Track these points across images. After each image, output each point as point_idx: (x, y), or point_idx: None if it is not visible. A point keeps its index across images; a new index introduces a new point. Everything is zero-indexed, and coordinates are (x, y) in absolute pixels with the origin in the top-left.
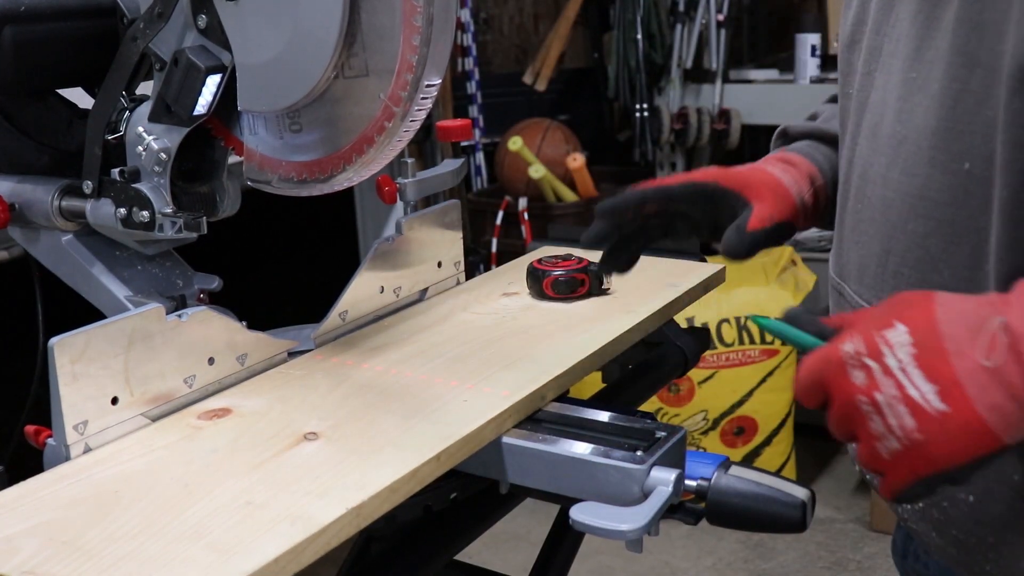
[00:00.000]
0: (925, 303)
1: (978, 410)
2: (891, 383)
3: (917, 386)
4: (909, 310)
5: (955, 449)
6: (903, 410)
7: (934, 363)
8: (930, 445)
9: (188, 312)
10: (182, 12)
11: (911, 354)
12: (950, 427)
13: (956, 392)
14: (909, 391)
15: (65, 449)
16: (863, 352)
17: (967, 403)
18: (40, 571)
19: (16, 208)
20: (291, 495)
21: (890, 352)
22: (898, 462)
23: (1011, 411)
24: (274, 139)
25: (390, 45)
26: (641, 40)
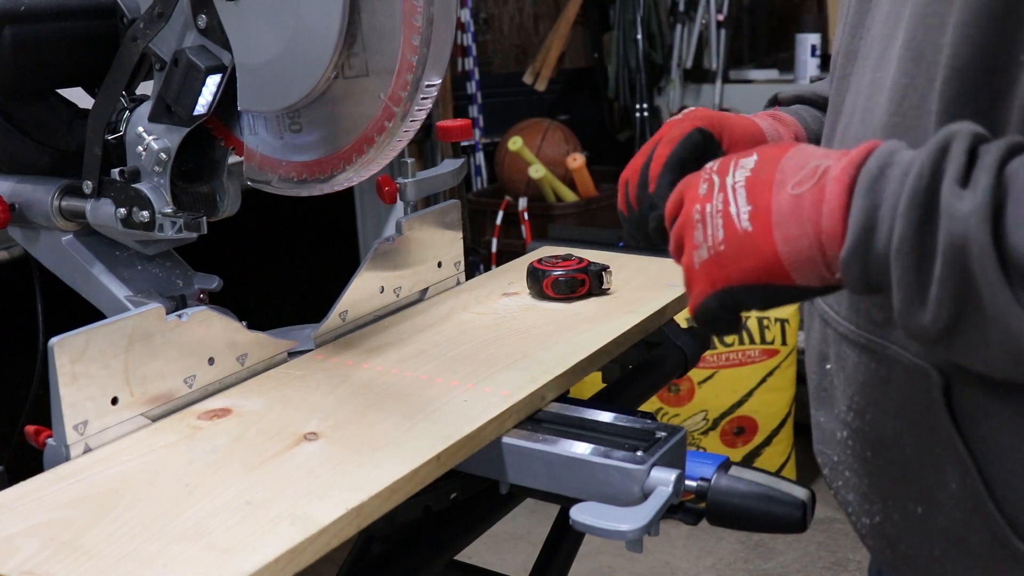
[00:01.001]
0: (789, 144)
1: (774, 237)
2: (721, 198)
3: (738, 204)
4: (773, 147)
5: (747, 268)
6: (719, 222)
7: (759, 188)
8: (728, 258)
9: (188, 312)
10: (182, 12)
11: (746, 176)
12: (747, 246)
13: (763, 217)
14: (731, 207)
15: (65, 449)
16: (715, 168)
17: (768, 228)
18: (40, 571)
19: (16, 208)
20: (291, 495)
21: (732, 172)
22: (702, 271)
23: (803, 247)
24: (274, 139)
25: (390, 45)
26: (641, 40)
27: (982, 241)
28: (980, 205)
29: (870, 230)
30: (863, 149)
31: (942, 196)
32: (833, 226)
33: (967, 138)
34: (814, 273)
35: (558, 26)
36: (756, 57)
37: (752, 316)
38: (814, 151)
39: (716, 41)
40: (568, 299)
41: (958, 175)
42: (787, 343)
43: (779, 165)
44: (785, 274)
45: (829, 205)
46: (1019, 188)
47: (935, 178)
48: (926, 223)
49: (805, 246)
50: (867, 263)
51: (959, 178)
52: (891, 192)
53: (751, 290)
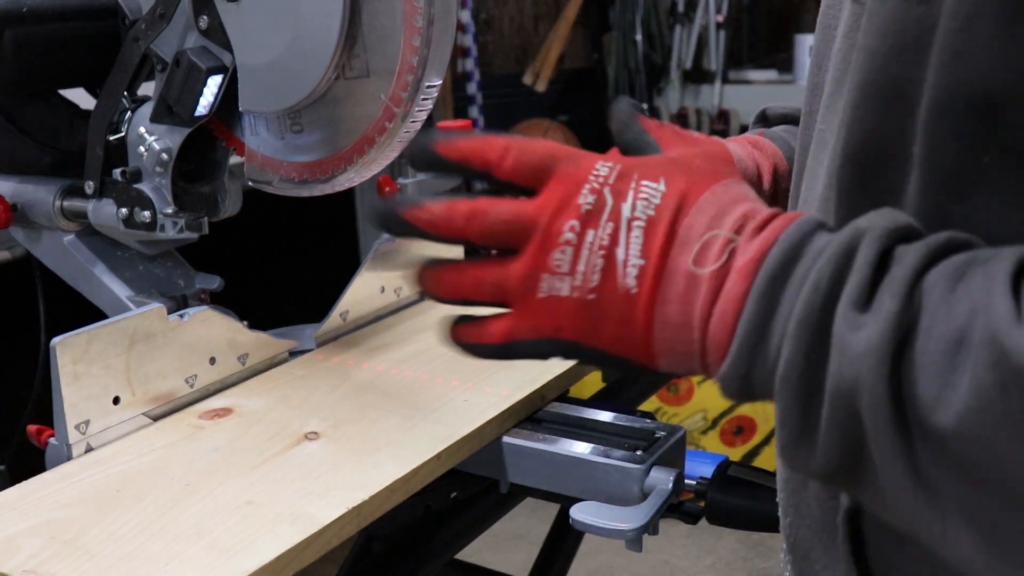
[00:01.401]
0: (709, 176)
1: (654, 314)
2: (609, 231)
3: (628, 251)
4: (688, 175)
5: (609, 335)
6: (598, 264)
7: (657, 240)
8: (593, 313)
9: (189, 312)
10: (184, 13)
11: (647, 215)
12: (622, 312)
13: (651, 283)
14: (618, 250)
15: (67, 449)
16: (611, 180)
17: (650, 301)
18: (41, 570)
19: (18, 208)
20: (292, 495)
21: (632, 199)
22: (548, 308)
23: (682, 341)
24: (275, 139)
25: (391, 46)
26: (641, 41)
27: (875, 391)
28: (877, 343)
29: (757, 345)
30: (774, 231)
31: (835, 323)
32: (720, 333)
33: (878, 241)
34: (684, 367)
35: (558, 27)
36: (755, 58)
37: None
38: (727, 205)
39: (715, 42)
40: None
41: (857, 295)
42: None
43: (688, 216)
44: (649, 356)
45: (722, 308)
46: (932, 313)
47: (832, 294)
48: (816, 352)
49: (684, 341)
50: (749, 381)
51: (858, 300)
52: (787, 299)
53: (599, 354)
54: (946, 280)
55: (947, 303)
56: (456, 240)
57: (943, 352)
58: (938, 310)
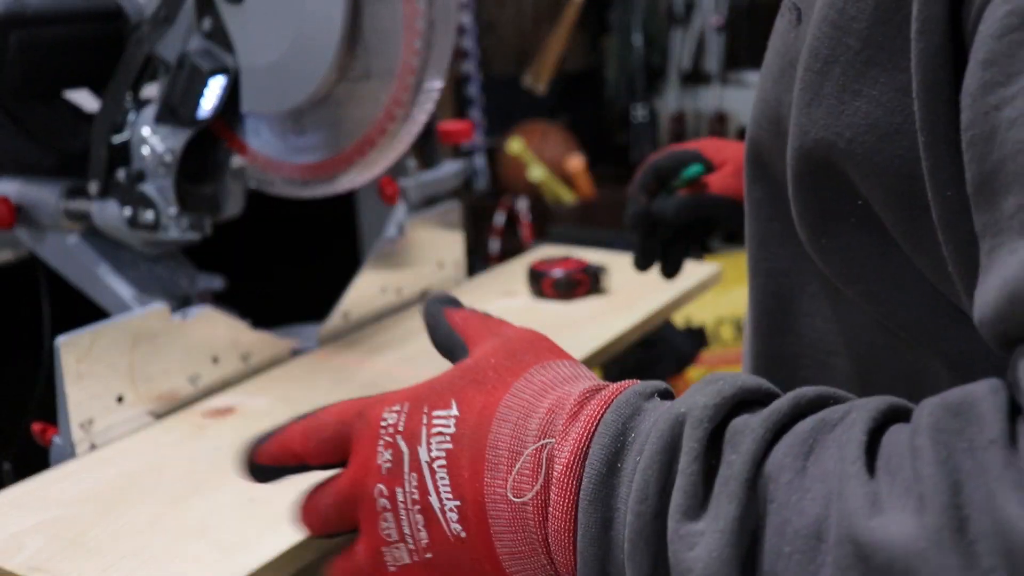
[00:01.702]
0: (498, 386)
1: (495, 548)
2: (414, 481)
3: (440, 495)
4: (477, 390)
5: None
6: (420, 520)
7: (464, 473)
8: (441, 571)
9: (192, 312)
10: (186, 15)
11: (445, 450)
12: (464, 558)
13: (477, 518)
14: (431, 498)
15: (71, 447)
16: (401, 429)
17: (485, 534)
18: (45, 567)
19: (22, 209)
20: (294, 492)
21: (426, 440)
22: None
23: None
24: (277, 141)
25: (392, 48)
26: (639, 43)
27: None
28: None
29: (602, 558)
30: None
31: (668, 540)
32: (563, 552)
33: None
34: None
35: (558, 29)
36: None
37: None
38: (530, 404)
39: (714, 44)
40: (567, 299)
41: (686, 504)
42: None
43: (489, 436)
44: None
45: (555, 525)
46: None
47: (660, 503)
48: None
49: (538, 565)
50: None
51: (688, 508)
52: (622, 499)
53: None
54: (793, 460)
55: (799, 490)
56: None
57: (802, 552)
58: (788, 500)
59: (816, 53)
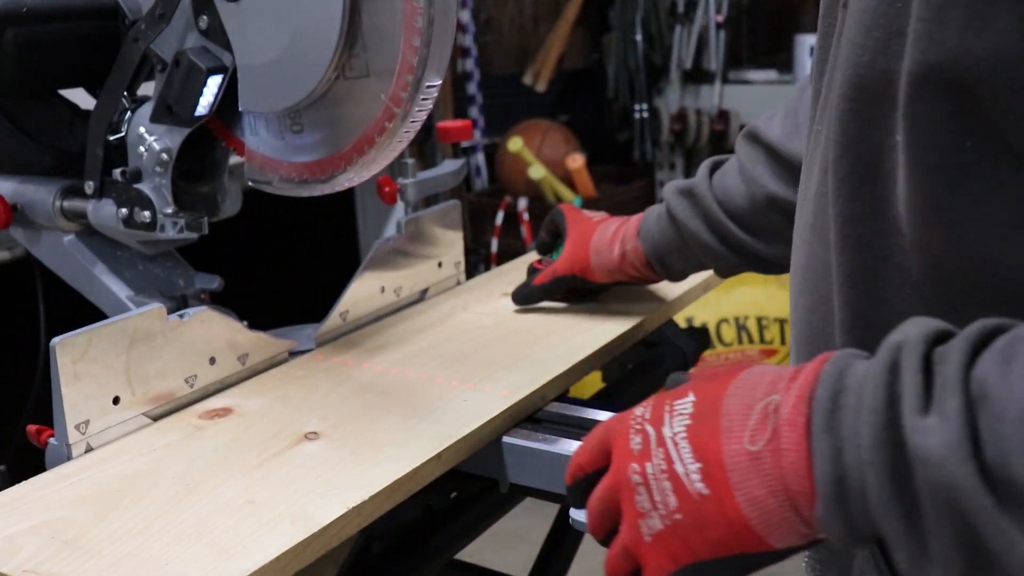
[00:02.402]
0: (727, 375)
1: (736, 499)
2: (661, 453)
3: (684, 461)
4: (709, 381)
5: (714, 538)
6: (668, 486)
7: (704, 439)
8: (689, 529)
9: (189, 312)
10: (183, 13)
11: (686, 425)
12: (708, 512)
13: (717, 474)
14: (676, 466)
15: (67, 448)
16: (647, 417)
17: (727, 489)
18: (41, 570)
19: (18, 209)
20: (292, 494)
21: (668, 421)
22: (659, 544)
23: (772, 508)
24: (275, 140)
25: (391, 46)
26: (640, 41)
27: (968, 486)
28: (954, 441)
29: (840, 480)
30: (811, 373)
31: (906, 435)
32: (800, 482)
33: (917, 349)
34: (794, 534)
35: (558, 27)
36: (755, 58)
37: (751, 316)
38: (756, 379)
39: (715, 42)
40: (566, 298)
41: (917, 403)
42: (786, 343)
43: (722, 407)
44: (758, 539)
45: (790, 458)
46: (995, 399)
47: (893, 409)
48: (899, 468)
49: (775, 507)
50: (848, 519)
51: (919, 407)
52: (850, 428)
53: (723, 563)
54: (996, 366)
55: (1007, 386)
56: None
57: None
58: (999, 395)
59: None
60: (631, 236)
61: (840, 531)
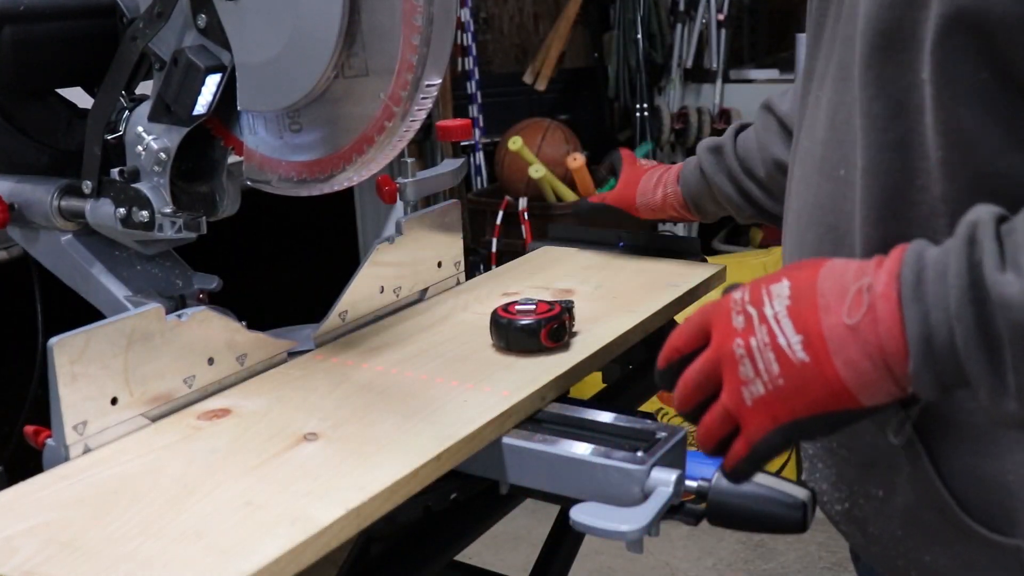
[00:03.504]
0: (815, 264)
1: (835, 364)
2: (765, 329)
3: (786, 335)
4: (799, 269)
5: (812, 399)
6: (771, 356)
7: (804, 315)
8: (790, 391)
9: (188, 312)
10: (182, 12)
11: (786, 305)
12: (808, 376)
13: (818, 344)
14: (779, 339)
15: (64, 449)
16: (747, 300)
17: (826, 356)
18: (39, 571)
19: (15, 208)
20: (291, 495)
21: (769, 302)
22: (760, 407)
23: (867, 369)
24: (274, 139)
25: (390, 45)
26: (641, 40)
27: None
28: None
29: (929, 338)
30: (895, 258)
31: (989, 287)
32: (895, 345)
33: (991, 223)
34: (883, 392)
35: (558, 26)
36: (756, 57)
37: None
38: (843, 266)
39: (716, 41)
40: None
41: (996, 263)
42: None
43: (817, 288)
44: (851, 398)
45: (885, 325)
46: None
47: (975, 272)
48: (983, 317)
49: (870, 368)
50: (936, 370)
51: (998, 265)
52: (935, 295)
53: (818, 420)
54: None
55: None
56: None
57: None
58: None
59: None
60: (672, 181)
61: (928, 381)
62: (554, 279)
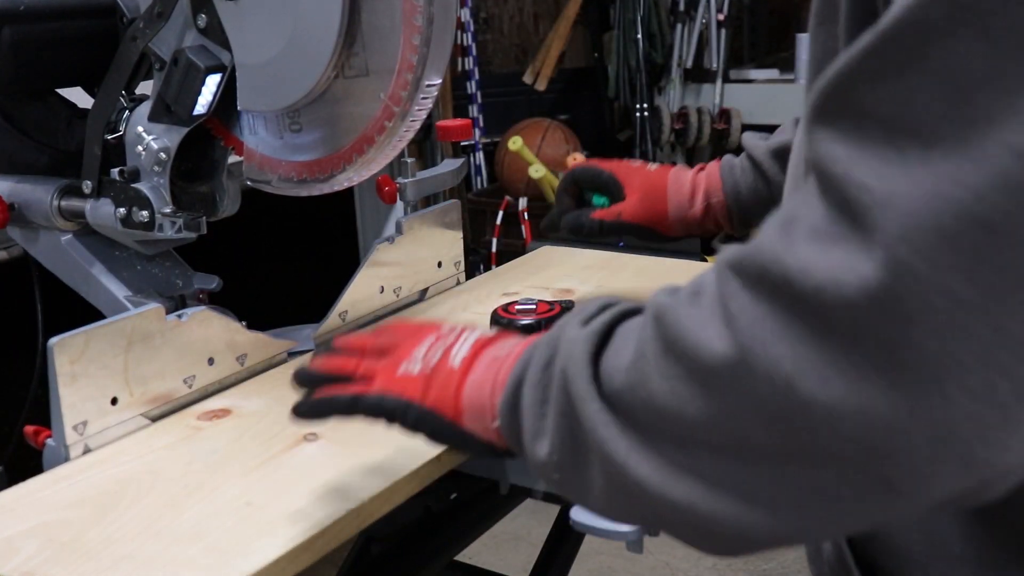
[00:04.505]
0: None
1: (466, 379)
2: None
3: (460, 349)
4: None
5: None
6: (439, 355)
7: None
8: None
9: (188, 312)
10: (182, 12)
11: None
12: (447, 380)
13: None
14: (454, 348)
15: (64, 450)
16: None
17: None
18: (39, 572)
19: (16, 208)
20: (291, 496)
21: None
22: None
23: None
24: (274, 139)
25: (390, 45)
26: (641, 40)
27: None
28: (588, 334)
29: (521, 381)
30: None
31: (564, 330)
32: (503, 378)
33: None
34: (479, 420)
35: (558, 26)
36: (757, 57)
37: None
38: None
39: (716, 41)
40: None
41: (583, 317)
42: None
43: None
44: (458, 413)
45: (507, 362)
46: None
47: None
48: (552, 358)
49: (481, 394)
50: (516, 411)
51: (583, 319)
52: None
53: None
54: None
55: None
56: None
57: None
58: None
59: None
60: (715, 190)
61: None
62: (554, 279)
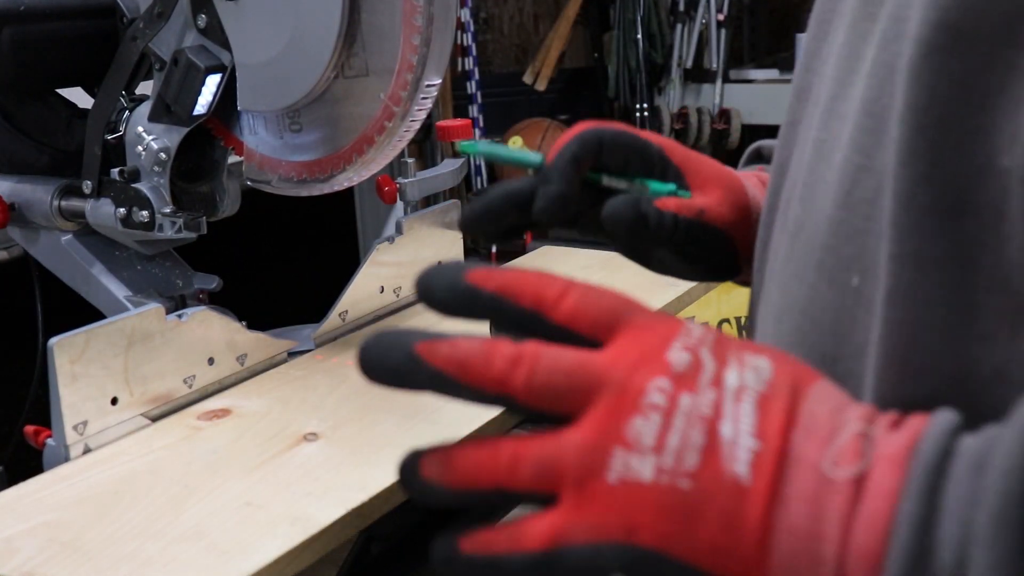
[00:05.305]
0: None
1: (772, 515)
2: (710, 399)
3: (739, 426)
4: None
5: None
6: (699, 441)
7: (773, 419)
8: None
9: (188, 312)
10: (182, 12)
11: (758, 391)
12: (727, 507)
13: (768, 470)
14: (723, 425)
15: (65, 450)
16: (707, 344)
17: (766, 495)
18: (39, 572)
19: (16, 208)
20: (291, 496)
21: (737, 368)
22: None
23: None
24: (274, 139)
25: (390, 45)
26: (641, 40)
27: None
28: None
29: (922, 556)
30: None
31: None
32: (868, 540)
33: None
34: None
35: (558, 26)
36: (756, 57)
37: None
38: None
39: (716, 41)
40: None
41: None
42: None
43: (805, 402)
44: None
45: (872, 506)
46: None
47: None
48: None
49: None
50: None
51: None
52: (955, 499)
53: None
54: None
55: None
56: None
57: None
58: None
59: None
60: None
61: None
62: None
